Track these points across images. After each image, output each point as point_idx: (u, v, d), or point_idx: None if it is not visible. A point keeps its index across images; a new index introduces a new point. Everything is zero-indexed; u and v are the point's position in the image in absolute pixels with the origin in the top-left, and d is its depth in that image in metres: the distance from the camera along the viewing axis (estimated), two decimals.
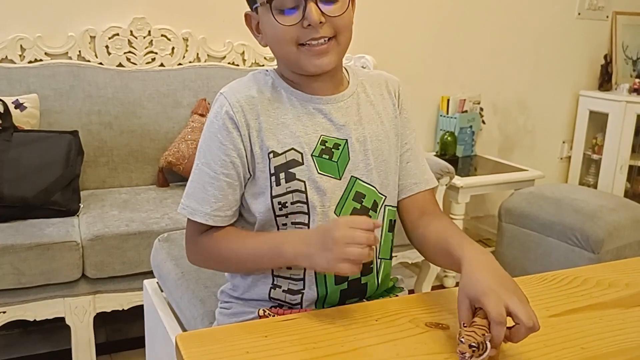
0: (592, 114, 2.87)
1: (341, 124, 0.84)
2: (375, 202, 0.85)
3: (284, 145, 0.80)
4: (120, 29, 2.00)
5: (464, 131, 2.55)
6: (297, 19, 0.77)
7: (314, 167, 0.81)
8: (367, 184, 0.84)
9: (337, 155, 0.82)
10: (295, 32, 0.77)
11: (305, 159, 0.80)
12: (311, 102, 0.83)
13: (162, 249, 1.22)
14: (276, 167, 0.80)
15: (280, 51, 0.81)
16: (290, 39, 0.78)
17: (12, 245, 1.43)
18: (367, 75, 0.91)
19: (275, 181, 0.80)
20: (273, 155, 0.80)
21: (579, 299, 0.83)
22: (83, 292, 1.55)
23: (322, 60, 0.79)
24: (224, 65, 2.15)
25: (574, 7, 2.82)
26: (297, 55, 0.79)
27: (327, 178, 0.81)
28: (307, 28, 0.77)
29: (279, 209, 0.81)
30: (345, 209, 0.82)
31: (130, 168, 1.94)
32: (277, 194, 0.80)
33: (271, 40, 0.81)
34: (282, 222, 0.82)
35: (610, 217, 1.98)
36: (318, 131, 0.82)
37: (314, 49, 0.78)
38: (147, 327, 1.26)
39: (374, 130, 0.86)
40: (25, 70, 1.86)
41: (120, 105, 1.92)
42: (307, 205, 0.80)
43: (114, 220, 1.59)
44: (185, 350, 0.66)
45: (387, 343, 0.69)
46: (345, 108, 0.85)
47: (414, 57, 2.53)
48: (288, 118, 0.82)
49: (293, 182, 0.80)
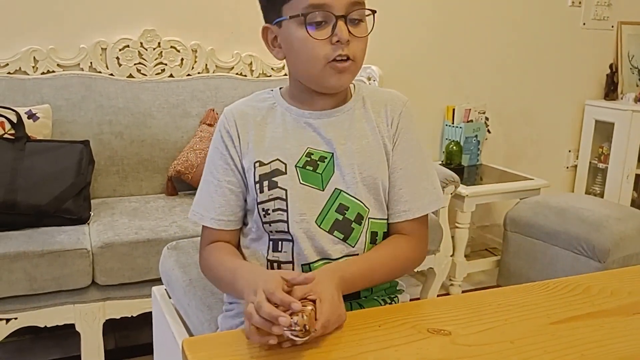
0: (598, 124, 2.87)
1: (328, 137, 0.87)
2: (359, 214, 0.86)
3: (270, 156, 0.87)
4: (131, 40, 2.04)
5: (470, 140, 2.57)
6: (327, 34, 0.81)
7: (297, 177, 0.85)
8: (352, 197, 0.86)
9: (322, 167, 0.86)
10: (325, 48, 0.82)
11: (289, 169, 0.86)
12: (303, 117, 0.89)
13: (170, 256, 1.24)
14: (261, 175, 0.86)
15: (305, 66, 0.85)
16: (319, 55, 0.82)
17: (24, 252, 1.47)
18: (372, 91, 0.94)
19: (259, 188, 0.86)
20: (259, 165, 0.87)
21: (581, 307, 0.84)
22: (93, 298, 1.58)
23: (342, 78, 0.84)
24: (232, 75, 2.18)
25: (579, 17, 2.83)
26: (323, 71, 0.83)
27: (309, 188, 0.85)
28: (335, 44, 0.81)
29: (263, 215, 0.86)
30: (327, 219, 0.85)
31: (140, 177, 1.97)
32: (261, 200, 0.86)
33: (298, 54, 0.84)
34: (269, 229, 0.87)
35: (617, 226, 1.98)
36: (305, 144, 0.87)
37: (339, 66, 0.83)
38: (155, 333, 1.27)
39: (364, 146, 0.88)
40: (38, 82, 1.90)
41: (131, 115, 1.96)
42: (286, 213, 0.84)
43: (123, 228, 1.61)
44: (191, 355, 0.68)
45: (389, 348, 0.70)
46: (336, 123, 0.88)
47: (419, 67, 2.55)
48: (278, 132, 0.88)
49: (275, 189, 0.85)
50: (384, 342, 0.71)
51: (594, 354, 0.72)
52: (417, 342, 0.71)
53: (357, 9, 0.82)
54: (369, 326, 0.74)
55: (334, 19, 0.81)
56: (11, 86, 1.85)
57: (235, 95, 2.10)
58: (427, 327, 0.75)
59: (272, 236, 0.88)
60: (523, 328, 0.76)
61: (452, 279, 2.24)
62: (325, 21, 0.81)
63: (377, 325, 0.75)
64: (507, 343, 0.72)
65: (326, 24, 0.81)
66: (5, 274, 1.45)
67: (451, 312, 0.79)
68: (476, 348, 0.71)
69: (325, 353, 0.69)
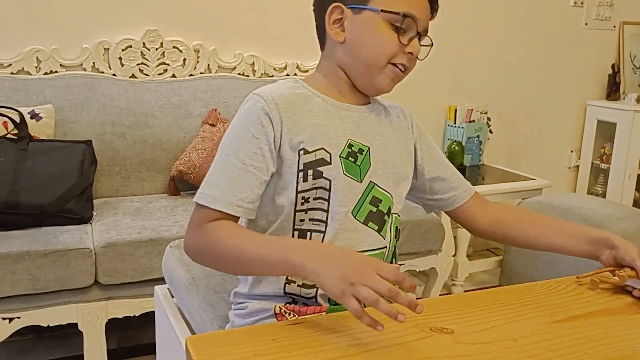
0: (600, 124, 2.87)
1: (366, 131, 0.90)
2: (389, 208, 0.90)
3: (314, 144, 0.84)
4: (133, 41, 2.05)
5: (472, 140, 2.57)
6: (404, 42, 0.85)
7: (341, 168, 0.85)
8: (384, 190, 0.89)
9: (360, 159, 0.87)
10: (396, 51, 0.85)
11: (334, 159, 0.85)
12: (342, 108, 0.89)
13: (173, 255, 1.24)
14: (305, 163, 0.83)
15: (366, 58, 0.86)
16: (388, 54, 0.85)
17: (27, 252, 1.47)
18: (383, 100, 0.99)
19: (302, 177, 0.83)
20: (304, 152, 0.83)
21: (584, 306, 0.84)
22: (95, 298, 1.58)
23: (392, 85, 0.89)
24: (234, 76, 2.19)
25: (581, 18, 2.83)
26: (382, 70, 0.86)
27: (349, 180, 0.86)
28: (406, 54, 0.86)
29: (301, 203, 0.84)
30: (362, 211, 0.87)
31: (142, 177, 1.97)
32: (302, 189, 0.83)
33: (368, 43, 0.86)
34: (300, 217, 0.84)
35: (619, 226, 1.98)
36: (347, 134, 0.87)
37: (397, 73, 0.87)
38: (158, 332, 1.28)
39: (392, 144, 0.93)
40: (41, 82, 1.91)
41: (133, 115, 1.96)
42: (327, 203, 0.84)
43: (126, 228, 1.62)
44: (195, 353, 0.68)
45: (392, 347, 0.70)
46: (369, 119, 0.92)
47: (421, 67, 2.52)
48: (320, 119, 0.86)
49: (320, 179, 0.84)
50: (387, 340, 0.71)
51: (598, 352, 0.72)
52: (420, 341, 0.71)
53: (426, 35, 0.90)
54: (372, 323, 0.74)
55: (416, 32, 0.86)
56: (14, 86, 1.86)
57: (237, 96, 2.10)
58: (430, 326, 0.75)
59: (300, 226, 0.84)
60: (526, 327, 0.76)
61: (454, 278, 2.24)
62: (406, 30, 0.86)
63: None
64: (510, 341, 0.72)
65: (405, 32, 0.86)
66: (8, 273, 1.46)
67: (454, 311, 0.79)
68: (479, 346, 0.71)
69: (329, 351, 0.69)
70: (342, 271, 0.68)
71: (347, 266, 0.68)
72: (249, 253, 0.76)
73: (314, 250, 0.74)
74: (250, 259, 0.76)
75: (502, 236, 1.01)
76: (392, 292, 0.66)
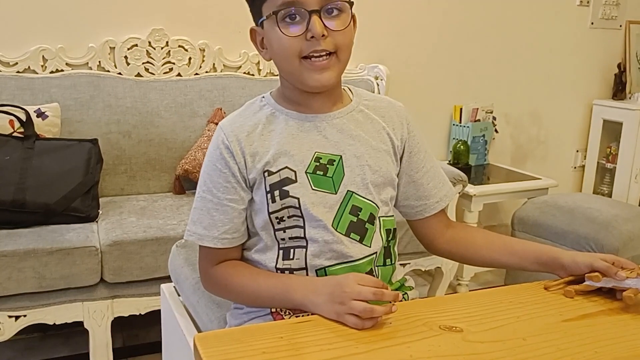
0: (606, 123, 2.86)
1: (335, 140, 0.86)
2: (371, 214, 0.87)
3: (278, 164, 0.84)
4: (139, 39, 2.05)
5: (477, 140, 2.56)
6: (302, 31, 0.80)
7: (308, 184, 0.84)
8: (363, 198, 0.86)
9: (331, 170, 0.85)
10: (299, 45, 0.80)
11: (299, 176, 0.84)
12: (307, 120, 0.87)
13: (179, 254, 1.24)
14: (271, 185, 0.84)
15: (284, 64, 0.84)
16: (294, 52, 0.81)
17: (34, 250, 1.47)
18: (371, 96, 0.95)
19: (270, 198, 0.84)
20: (268, 174, 0.84)
21: (593, 305, 0.83)
22: (101, 296, 1.58)
23: (323, 76, 0.82)
24: (239, 75, 2.19)
25: (587, 17, 2.82)
26: (300, 69, 0.82)
27: (322, 193, 0.84)
28: (310, 40, 0.80)
29: (276, 222, 0.85)
30: (342, 222, 0.85)
31: (147, 176, 1.97)
32: (273, 210, 0.84)
33: (276, 53, 0.84)
34: (281, 236, 0.85)
35: (625, 226, 1.97)
36: (312, 148, 0.85)
37: (316, 63, 0.81)
38: (164, 331, 1.28)
39: (371, 147, 0.88)
40: (47, 80, 1.91)
41: (139, 114, 1.96)
42: (302, 219, 0.84)
43: (132, 227, 1.62)
44: (203, 350, 0.68)
45: (401, 345, 0.70)
46: (340, 125, 0.88)
47: (427, 67, 2.54)
48: (282, 138, 0.85)
49: (287, 199, 0.83)
50: (396, 338, 0.71)
51: (608, 352, 0.71)
52: (429, 339, 0.71)
53: (332, 1, 0.80)
54: (381, 323, 0.74)
55: (307, 14, 0.79)
56: (20, 85, 1.86)
57: (242, 95, 2.11)
58: (438, 324, 0.75)
59: (284, 244, 0.86)
60: (535, 325, 0.76)
61: (459, 278, 2.23)
62: (299, 17, 0.80)
63: (388, 322, 0.75)
64: (519, 340, 0.72)
65: (301, 19, 0.80)
66: (15, 271, 1.46)
67: (463, 309, 0.79)
68: (488, 345, 0.70)
69: (338, 349, 0.69)
70: (329, 297, 0.75)
71: (331, 290, 0.75)
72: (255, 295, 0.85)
73: (306, 285, 0.80)
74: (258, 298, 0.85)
75: (459, 256, 0.98)
76: (377, 294, 0.73)
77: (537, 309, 0.80)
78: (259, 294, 0.84)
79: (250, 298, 0.86)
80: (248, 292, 0.85)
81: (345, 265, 0.85)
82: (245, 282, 0.85)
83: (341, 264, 0.85)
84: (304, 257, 0.85)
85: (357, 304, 0.71)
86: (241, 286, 0.85)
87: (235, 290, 0.87)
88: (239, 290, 0.86)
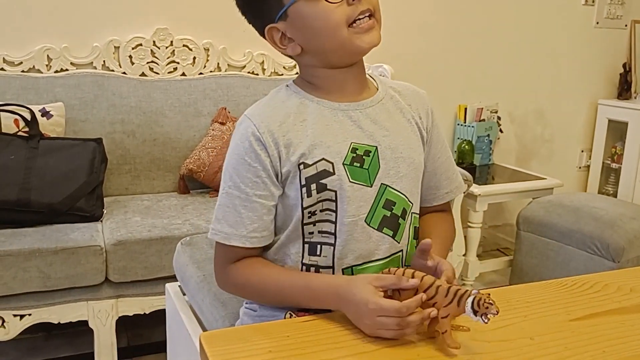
0: (611, 123, 2.85)
1: (370, 130, 0.83)
2: (404, 209, 0.84)
3: (314, 156, 0.79)
4: (144, 39, 2.05)
5: (482, 140, 2.55)
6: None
7: (346, 176, 0.80)
8: (397, 192, 0.84)
9: (367, 162, 0.81)
10: (344, 13, 0.78)
11: (337, 168, 0.79)
12: (339, 109, 0.83)
13: (184, 252, 1.24)
14: (307, 178, 0.79)
15: (328, 41, 0.79)
16: (340, 21, 0.77)
17: (38, 249, 1.47)
18: (395, 83, 0.92)
19: (306, 192, 0.79)
20: (303, 167, 0.79)
21: (600, 304, 0.83)
22: (106, 295, 1.58)
23: (372, 36, 0.80)
24: (244, 74, 2.19)
25: (592, 16, 2.81)
26: (349, 37, 0.79)
27: (358, 186, 0.81)
28: (352, 5, 0.78)
29: (307, 217, 0.81)
30: (375, 216, 0.82)
31: (152, 175, 1.97)
32: (308, 204, 0.80)
33: (317, 33, 0.79)
34: (309, 230, 0.81)
35: (631, 225, 1.96)
36: (348, 139, 0.81)
37: (362, 25, 0.79)
38: (168, 330, 1.28)
39: (405, 138, 0.86)
40: (52, 80, 1.91)
41: (143, 114, 1.96)
42: (335, 214, 0.80)
43: (136, 226, 1.62)
44: (209, 349, 0.68)
45: (408, 344, 0.70)
46: (373, 115, 0.84)
47: (431, 66, 2.54)
48: (317, 128, 0.81)
49: (324, 192, 0.79)
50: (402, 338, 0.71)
51: (616, 351, 0.71)
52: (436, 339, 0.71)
53: None
54: None
55: None
56: (25, 84, 1.87)
57: (247, 94, 2.10)
58: None
59: (310, 238, 0.82)
60: (542, 325, 0.75)
61: (464, 278, 2.22)
62: None
63: None
64: (526, 339, 0.71)
65: None
66: (19, 270, 1.46)
67: None
68: (495, 344, 0.70)
69: (344, 348, 0.68)
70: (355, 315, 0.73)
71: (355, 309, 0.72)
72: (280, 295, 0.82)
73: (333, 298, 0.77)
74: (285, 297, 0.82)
75: None
76: (401, 325, 0.69)
77: (544, 309, 0.80)
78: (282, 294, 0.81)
79: (275, 298, 0.83)
80: (271, 292, 0.82)
81: (372, 264, 0.83)
82: (267, 280, 0.81)
83: (369, 262, 0.83)
84: (332, 255, 0.81)
85: (383, 321, 0.69)
86: (262, 285, 0.82)
87: (255, 289, 0.83)
88: (259, 290, 0.83)
